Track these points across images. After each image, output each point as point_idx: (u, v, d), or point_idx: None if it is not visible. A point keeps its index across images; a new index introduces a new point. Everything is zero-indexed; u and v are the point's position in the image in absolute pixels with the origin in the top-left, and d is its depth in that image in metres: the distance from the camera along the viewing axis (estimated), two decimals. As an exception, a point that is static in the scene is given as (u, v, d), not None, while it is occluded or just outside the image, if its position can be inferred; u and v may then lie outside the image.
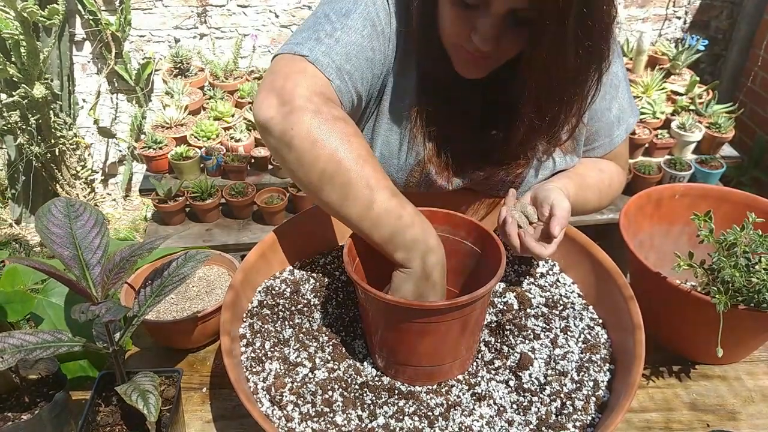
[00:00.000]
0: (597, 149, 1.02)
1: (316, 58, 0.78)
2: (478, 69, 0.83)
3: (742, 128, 2.94)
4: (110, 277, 0.69)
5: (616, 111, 0.98)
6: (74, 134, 2.87)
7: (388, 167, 0.95)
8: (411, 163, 0.94)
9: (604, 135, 1.00)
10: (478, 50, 0.76)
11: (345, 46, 0.80)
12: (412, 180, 0.95)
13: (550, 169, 0.97)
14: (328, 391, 0.74)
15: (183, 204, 2.38)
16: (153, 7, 2.82)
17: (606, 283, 0.84)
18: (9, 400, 0.75)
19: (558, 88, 0.78)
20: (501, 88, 0.85)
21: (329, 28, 0.80)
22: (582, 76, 0.78)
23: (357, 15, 0.82)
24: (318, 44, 0.79)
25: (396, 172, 0.95)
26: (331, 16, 0.82)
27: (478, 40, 0.75)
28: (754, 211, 0.87)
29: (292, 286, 0.89)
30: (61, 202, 0.74)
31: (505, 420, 0.72)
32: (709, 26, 3.08)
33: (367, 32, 0.82)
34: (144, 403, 0.66)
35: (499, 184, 0.97)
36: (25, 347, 0.66)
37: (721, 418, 0.84)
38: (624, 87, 0.99)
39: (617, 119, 0.99)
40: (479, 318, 0.77)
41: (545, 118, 0.82)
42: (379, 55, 0.84)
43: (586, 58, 0.75)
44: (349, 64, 0.80)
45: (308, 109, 0.73)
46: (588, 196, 0.98)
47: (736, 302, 0.79)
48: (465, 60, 0.82)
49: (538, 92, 0.78)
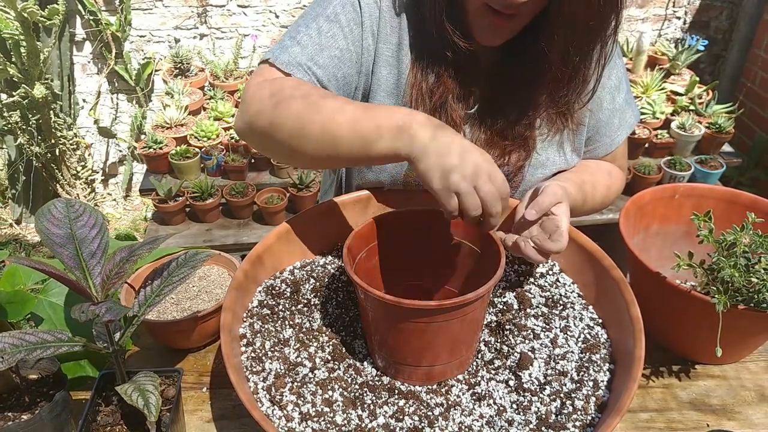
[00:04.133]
0: (597, 149, 1.02)
1: (276, 58, 0.85)
2: (499, 34, 0.83)
3: (742, 128, 2.94)
4: (110, 277, 0.69)
5: (616, 111, 0.99)
6: (74, 134, 2.87)
7: (386, 165, 0.95)
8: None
9: (604, 135, 1.00)
10: (509, 4, 0.76)
11: (307, 47, 0.85)
12: (411, 175, 0.95)
13: (550, 168, 0.97)
14: (328, 391, 0.74)
15: (183, 204, 2.38)
16: (153, 7, 2.82)
17: (606, 283, 0.84)
18: (9, 400, 0.75)
19: (582, 38, 0.81)
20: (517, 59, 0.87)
21: (294, 32, 0.87)
22: (603, 24, 0.80)
23: (323, 18, 0.86)
24: (279, 48, 0.86)
25: (393, 168, 0.95)
26: (299, 22, 0.88)
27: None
28: (753, 211, 0.87)
29: (293, 285, 0.89)
30: (61, 202, 0.74)
31: (505, 420, 0.72)
32: (708, 26, 3.08)
33: (332, 33, 0.86)
34: (144, 403, 0.66)
35: None
36: (25, 347, 0.66)
37: (721, 418, 0.84)
38: (625, 87, 0.99)
39: (618, 119, 1.00)
40: (479, 317, 0.77)
41: (570, 70, 0.84)
42: (348, 54, 0.87)
43: (610, 3, 0.77)
44: (312, 62, 0.85)
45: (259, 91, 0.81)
46: (587, 196, 0.98)
47: (736, 302, 0.79)
48: (488, 24, 0.82)
49: (566, 43, 0.80)
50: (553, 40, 0.81)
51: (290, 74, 0.82)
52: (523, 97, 0.91)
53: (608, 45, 0.84)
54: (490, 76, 0.91)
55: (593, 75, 0.88)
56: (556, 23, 0.79)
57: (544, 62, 0.84)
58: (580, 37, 0.81)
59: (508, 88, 0.90)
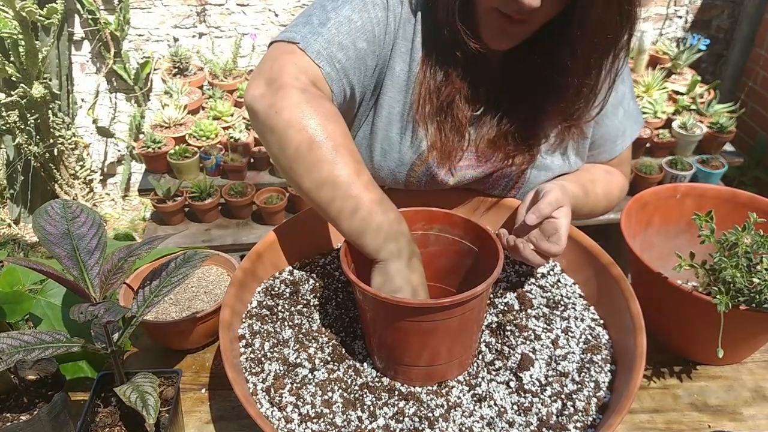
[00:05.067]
0: (602, 154, 1.02)
1: (307, 45, 0.80)
2: (508, 38, 0.83)
3: (744, 128, 2.93)
4: (109, 277, 0.69)
5: (621, 116, 0.98)
6: (73, 134, 2.87)
7: (389, 162, 0.94)
8: (412, 158, 0.93)
9: (609, 140, 1.00)
10: (521, 10, 0.76)
11: (336, 35, 0.81)
12: (413, 175, 0.95)
13: (553, 171, 0.97)
14: (327, 392, 0.74)
15: (182, 204, 2.37)
16: (152, 6, 2.82)
17: (607, 284, 0.84)
18: (8, 401, 0.75)
19: (600, 50, 0.81)
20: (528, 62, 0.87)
21: (323, 17, 0.82)
22: (618, 37, 0.80)
23: (350, 5, 0.83)
24: (310, 32, 0.81)
25: (396, 167, 0.95)
26: (327, 5, 0.84)
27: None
28: (755, 211, 0.86)
29: (292, 286, 0.88)
30: (58, 203, 0.74)
31: (506, 421, 0.72)
32: (710, 25, 3.08)
33: (360, 23, 0.83)
34: (143, 404, 0.65)
35: (501, 181, 0.97)
36: (23, 348, 0.66)
37: (722, 419, 0.84)
38: (629, 94, 0.99)
39: (622, 125, 0.99)
40: (478, 317, 0.77)
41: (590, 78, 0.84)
42: (373, 46, 0.85)
43: (626, 17, 0.78)
44: (342, 52, 0.82)
45: (295, 87, 0.76)
46: (590, 198, 0.98)
47: (737, 303, 0.79)
48: (497, 28, 0.81)
49: (589, 51, 0.81)
50: (573, 52, 0.81)
51: (319, 66, 0.80)
52: (531, 103, 0.90)
53: (620, 58, 0.84)
54: (500, 80, 0.90)
55: (603, 87, 0.87)
56: (577, 34, 0.78)
57: (558, 71, 0.84)
58: (598, 49, 0.81)
59: (516, 92, 0.90)
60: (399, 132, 0.92)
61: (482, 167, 0.94)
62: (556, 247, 0.81)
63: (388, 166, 0.95)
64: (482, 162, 0.94)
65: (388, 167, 0.95)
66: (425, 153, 0.92)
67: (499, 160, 0.93)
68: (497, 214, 0.99)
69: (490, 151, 0.93)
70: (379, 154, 0.94)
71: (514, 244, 0.83)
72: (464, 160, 0.94)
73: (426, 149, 0.92)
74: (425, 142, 0.92)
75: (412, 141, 0.92)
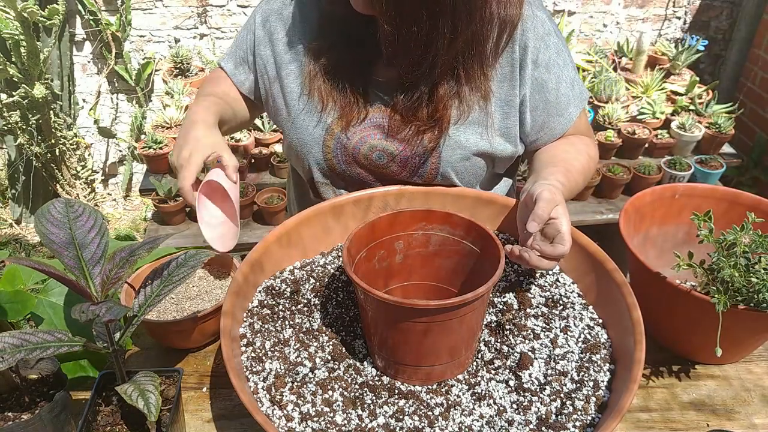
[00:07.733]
0: (554, 129, 1.02)
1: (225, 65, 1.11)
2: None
3: (742, 128, 2.94)
4: (110, 277, 0.69)
5: (564, 89, 1.00)
6: (74, 134, 2.87)
7: (307, 146, 1.03)
8: (321, 134, 1.01)
9: (555, 114, 1.00)
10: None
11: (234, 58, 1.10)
12: (328, 152, 1.02)
13: (468, 149, 0.98)
14: (328, 391, 0.74)
15: (183, 204, 2.37)
16: (153, 7, 2.82)
17: (606, 283, 0.84)
18: (9, 400, 0.75)
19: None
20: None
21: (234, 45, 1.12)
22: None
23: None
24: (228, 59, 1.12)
25: (314, 150, 1.03)
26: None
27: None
28: (754, 211, 0.87)
29: (292, 285, 0.89)
30: (60, 203, 0.74)
31: (505, 420, 0.72)
32: (708, 26, 3.08)
33: (249, 26, 1.07)
34: (144, 403, 0.66)
35: (415, 159, 0.99)
36: (25, 347, 0.66)
37: (721, 418, 0.84)
38: (570, 65, 1.01)
39: (566, 97, 1.00)
40: (479, 317, 0.77)
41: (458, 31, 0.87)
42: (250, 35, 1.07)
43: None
44: (240, 50, 1.09)
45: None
46: (577, 178, 0.98)
47: (736, 302, 0.79)
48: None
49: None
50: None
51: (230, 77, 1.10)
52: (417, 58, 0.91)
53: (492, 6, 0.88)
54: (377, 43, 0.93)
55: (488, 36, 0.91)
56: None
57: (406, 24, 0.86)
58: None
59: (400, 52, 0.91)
60: (304, 112, 1.01)
61: (394, 141, 0.99)
62: (561, 248, 0.81)
63: (309, 152, 1.02)
64: (393, 134, 0.99)
65: (310, 154, 1.03)
66: (331, 126, 1.00)
67: (410, 135, 0.98)
68: (495, 212, 0.99)
69: (401, 125, 0.98)
70: (298, 143, 1.03)
71: (519, 254, 0.83)
72: (375, 131, 0.99)
73: (331, 123, 1.00)
74: (330, 118, 1.00)
75: (319, 118, 1.00)
